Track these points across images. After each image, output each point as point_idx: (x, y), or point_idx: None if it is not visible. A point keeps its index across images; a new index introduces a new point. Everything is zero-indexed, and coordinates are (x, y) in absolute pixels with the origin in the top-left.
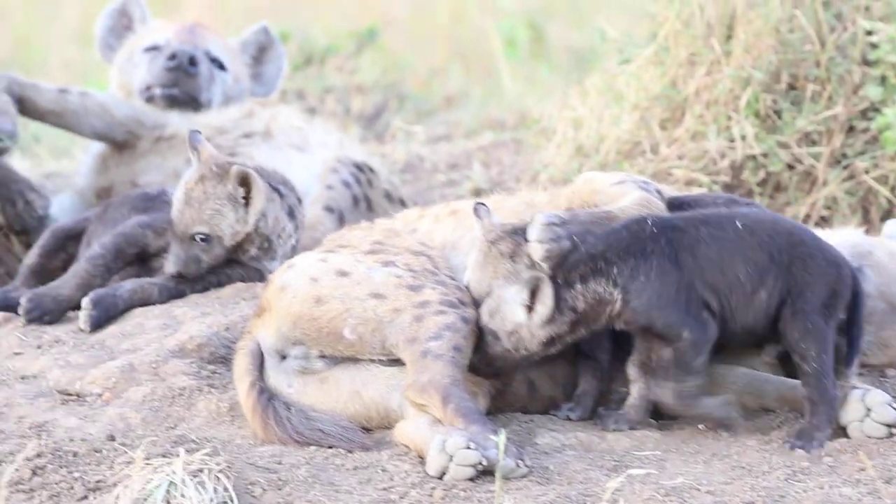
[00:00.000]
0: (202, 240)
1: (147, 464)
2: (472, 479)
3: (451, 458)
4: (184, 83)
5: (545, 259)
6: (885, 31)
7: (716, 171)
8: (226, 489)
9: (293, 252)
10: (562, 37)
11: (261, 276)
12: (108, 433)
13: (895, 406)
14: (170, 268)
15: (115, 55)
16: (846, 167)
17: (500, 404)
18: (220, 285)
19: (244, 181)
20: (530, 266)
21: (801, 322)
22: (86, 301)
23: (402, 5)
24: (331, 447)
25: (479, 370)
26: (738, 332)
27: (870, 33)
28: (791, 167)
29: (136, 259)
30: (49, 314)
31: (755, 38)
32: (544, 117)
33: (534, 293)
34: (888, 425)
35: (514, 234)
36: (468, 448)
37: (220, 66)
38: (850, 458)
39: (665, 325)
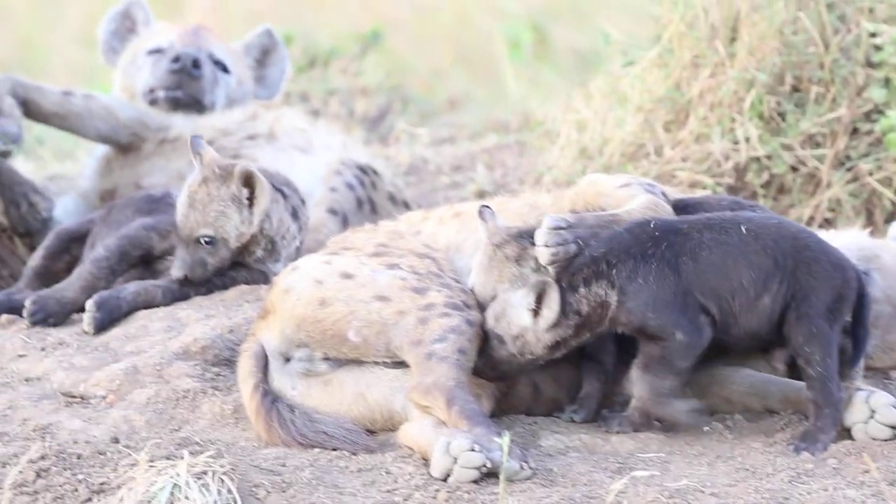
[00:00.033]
0: (207, 242)
1: (151, 466)
2: (476, 482)
3: (456, 460)
4: (187, 86)
5: (551, 263)
6: (888, 33)
7: (720, 173)
8: (230, 491)
9: (297, 254)
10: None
11: (265, 279)
12: (112, 435)
13: None
14: (176, 272)
15: (119, 58)
16: (850, 169)
17: (504, 407)
18: (224, 288)
19: (248, 181)
20: (536, 270)
21: (806, 326)
22: (90, 303)
23: (406, 8)
24: (335, 449)
25: (484, 374)
26: (741, 336)
27: (874, 35)
28: (795, 169)
29: (141, 261)
30: (53, 316)
31: (759, 41)
32: (548, 119)
33: (540, 297)
34: (893, 427)
35: (520, 237)
36: (472, 450)
37: (224, 69)
38: (854, 461)
39: (659, 326)
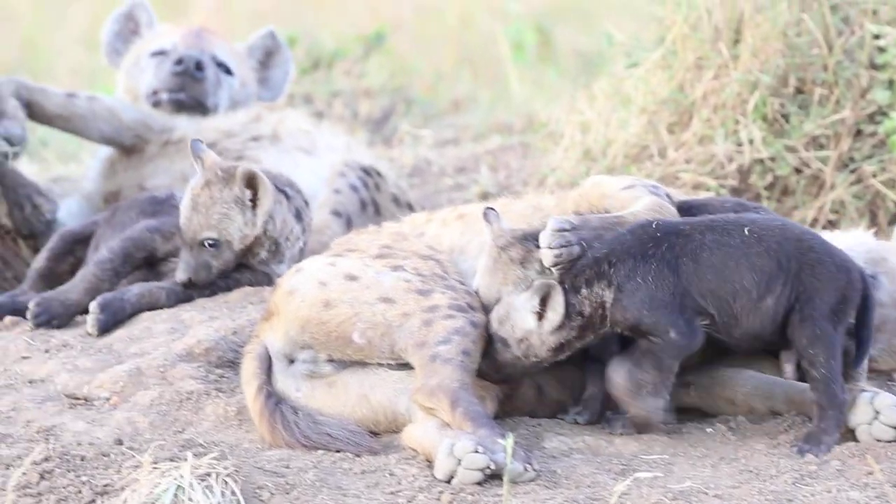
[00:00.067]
0: (211, 245)
1: (155, 468)
2: (479, 483)
3: (460, 461)
4: (191, 88)
5: (555, 265)
6: (892, 34)
7: (723, 174)
8: (233, 493)
9: (301, 255)
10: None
11: (269, 280)
12: (115, 437)
13: None
14: (180, 275)
15: (122, 60)
16: (854, 171)
17: (508, 408)
18: (227, 289)
19: (251, 182)
20: (541, 272)
21: (810, 328)
22: (94, 305)
23: (410, 9)
24: (338, 451)
25: (488, 376)
26: (744, 337)
27: (877, 37)
28: (798, 171)
29: (144, 263)
30: (57, 318)
31: (763, 42)
32: (552, 121)
33: (544, 300)
34: None
35: (524, 240)
36: (476, 452)
37: (227, 71)
38: (858, 462)
39: (653, 323)
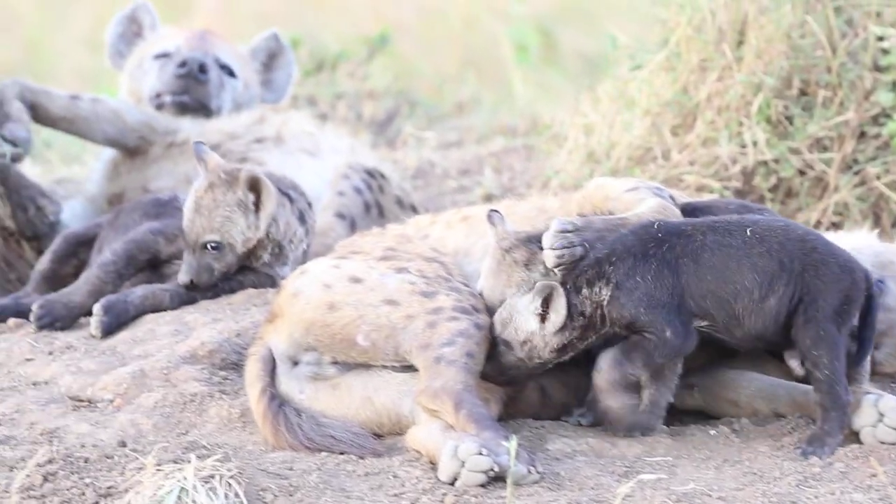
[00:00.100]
0: (213, 248)
1: (158, 470)
2: (483, 485)
3: (463, 463)
4: (194, 90)
5: (557, 265)
6: None
7: (727, 176)
8: (237, 495)
9: (304, 257)
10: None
11: (272, 282)
12: (119, 439)
13: None
14: (182, 277)
15: (125, 62)
16: (857, 173)
17: (512, 411)
18: (231, 291)
19: (254, 186)
20: (545, 274)
21: (814, 330)
22: (97, 307)
23: (414, 11)
24: (342, 453)
25: (493, 379)
26: (746, 338)
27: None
28: (802, 173)
29: (148, 265)
30: (60, 321)
31: (766, 44)
32: (556, 123)
33: (546, 301)
34: None
35: (529, 242)
36: (480, 454)
37: (230, 73)
38: (861, 464)
39: (649, 321)
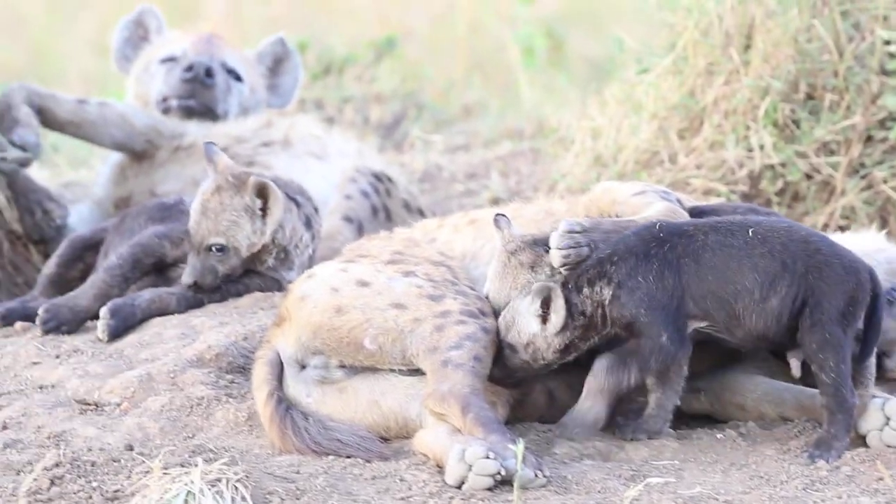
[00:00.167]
0: (218, 250)
1: (165, 473)
2: (490, 489)
3: (470, 467)
4: (200, 94)
5: (563, 265)
6: None
7: (734, 180)
8: (244, 499)
9: (310, 262)
10: (580, 46)
11: (279, 286)
12: (126, 443)
13: None
14: (186, 278)
15: (132, 66)
16: (864, 177)
17: (519, 414)
18: (238, 295)
19: (262, 192)
20: (550, 276)
21: (820, 333)
22: (104, 311)
23: (421, 15)
24: (349, 457)
25: (501, 382)
26: (748, 338)
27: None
28: (809, 177)
29: (154, 269)
30: (66, 324)
31: (773, 48)
32: (562, 127)
33: (546, 303)
34: None
35: (535, 244)
36: (487, 458)
37: (237, 77)
38: (868, 468)
39: (648, 323)
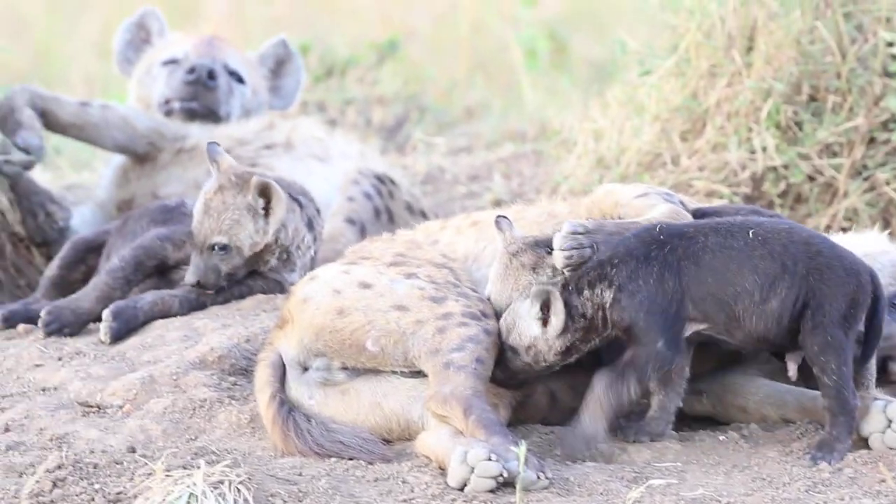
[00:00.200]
0: (221, 249)
1: (167, 475)
2: (492, 491)
3: (473, 469)
4: (203, 97)
5: (566, 267)
6: None
7: (736, 182)
8: (246, 501)
9: (312, 263)
10: (582, 48)
11: (281, 288)
12: (128, 445)
13: None
14: (189, 278)
15: (134, 68)
16: (867, 178)
17: (521, 416)
18: (240, 297)
19: (264, 192)
20: (552, 277)
21: (821, 336)
22: (106, 313)
23: (423, 17)
24: (351, 459)
25: (503, 383)
26: (748, 340)
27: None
28: (812, 179)
29: (156, 271)
30: (68, 327)
31: (776, 50)
32: (565, 129)
33: (545, 305)
34: None
35: (536, 246)
36: (489, 460)
37: (239, 80)
38: (870, 470)
39: (646, 327)
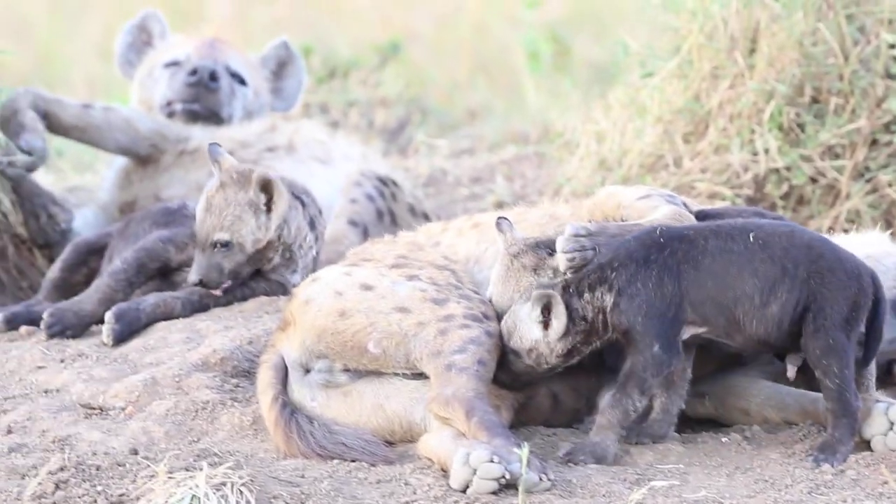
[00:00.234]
0: (223, 246)
1: (170, 477)
2: (495, 493)
3: (475, 471)
4: (205, 98)
5: (568, 269)
6: None
7: (739, 184)
8: (248, 502)
9: (314, 264)
10: (585, 50)
11: (284, 290)
12: (131, 447)
13: None
14: (192, 276)
15: (136, 71)
16: (869, 180)
17: (523, 417)
18: (243, 299)
19: (266, 187)
20: (553, 279)
21: (823, 339)
22: (109, 315)
23: (426, 19)
24: (353, 461)
25: (506, 385)
26: (749, 343)
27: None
28: (814, 180)
29: (158, 273)
30: (71, 329)
31: (778, 52)
32: (567, 131)
33: (546, 309)
34: None
35: (537, 247)
36: (492, 461)
37: (241, 81)
38: (872, 472)
39: (643, 332)
